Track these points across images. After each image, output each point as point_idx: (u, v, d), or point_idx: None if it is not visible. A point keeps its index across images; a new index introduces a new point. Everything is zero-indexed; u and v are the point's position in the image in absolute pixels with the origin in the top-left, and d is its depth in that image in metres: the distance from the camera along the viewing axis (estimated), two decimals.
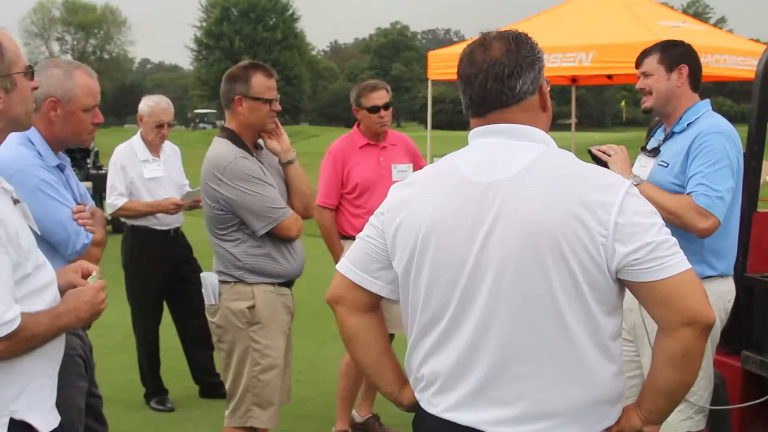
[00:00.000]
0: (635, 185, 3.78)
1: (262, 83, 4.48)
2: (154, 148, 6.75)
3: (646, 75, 4.29)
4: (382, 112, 5.81)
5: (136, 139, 6.76)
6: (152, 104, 6.72)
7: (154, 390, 6.86)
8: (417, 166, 6.00)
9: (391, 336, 5.29)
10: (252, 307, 4.49)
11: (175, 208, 6.58)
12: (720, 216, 4.02)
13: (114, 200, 6.59)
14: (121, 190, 6.59)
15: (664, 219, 4.12)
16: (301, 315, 5.49)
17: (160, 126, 6.68)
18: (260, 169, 4.47)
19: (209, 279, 4.57)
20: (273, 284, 4.55)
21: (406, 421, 2.65)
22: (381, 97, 5.81)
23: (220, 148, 4.49)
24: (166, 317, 7.02)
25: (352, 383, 5.91)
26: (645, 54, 4.33)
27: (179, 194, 6.75)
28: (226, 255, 4.51)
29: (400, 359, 2.69)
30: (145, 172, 6.66)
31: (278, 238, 4.50)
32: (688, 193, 4.04)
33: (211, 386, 6.95)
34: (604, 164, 4.13)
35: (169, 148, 6.92)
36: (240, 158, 4.41)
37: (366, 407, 6.19)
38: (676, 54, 4.27)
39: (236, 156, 4.41)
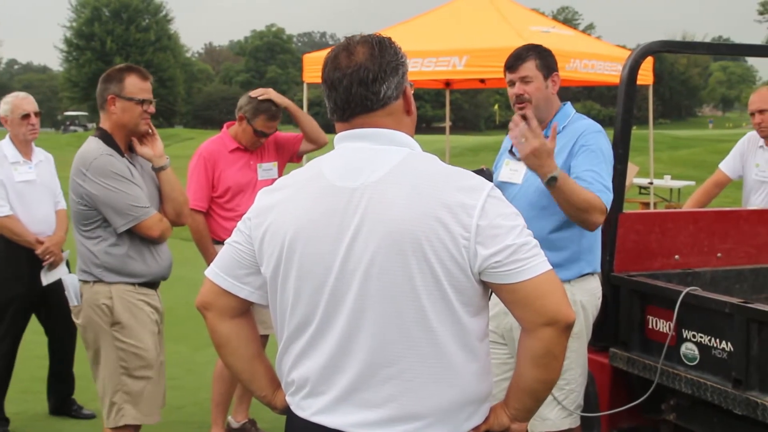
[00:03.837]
0: (554, 180, 3.83)
1: (136, 84, 4.53)
2: (25, 147, 6.44)
3: (525, 80, 4.31)
4: (263, 139, 5.81)
5: (5, 142, 6.44)
6: (10, 99, 6.47)
7: None
8: (294, 141, 6.03)
9: (267, 337, 5.29)
10: (111, 307, 4.49)
11: (47, 258, 6.29)
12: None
13: None
14: (3, 194, 6.23)
15: (568, 212, 4.14)
16: (175, 320, 5.42)
17: (26, 116, 6.36)
18: (127, 168, 4.50)
19: (70, 280, 4.61)
20: (133, 284, 4.54)
21: (283, 425, 2.64)
22: (273, 126, 5.80)
23: (90, 145, 4.54)
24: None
25: (227, 387, 5.85)
26: (520, 58, 4.32)
27: (54, 202, 6.52)
28: (87, 253, 4.53)
29: (273, 361, 2.68)
30: (16, 174, 6.32)
31: (141, 238, 4.51)
32: None
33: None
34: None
35: (41, 153, 6.60)
36: (106, 155, 4.45)
37: (242, 412, 6.14)
38: (550, 61, 4.36)
39: (102, 153, 4.45)
